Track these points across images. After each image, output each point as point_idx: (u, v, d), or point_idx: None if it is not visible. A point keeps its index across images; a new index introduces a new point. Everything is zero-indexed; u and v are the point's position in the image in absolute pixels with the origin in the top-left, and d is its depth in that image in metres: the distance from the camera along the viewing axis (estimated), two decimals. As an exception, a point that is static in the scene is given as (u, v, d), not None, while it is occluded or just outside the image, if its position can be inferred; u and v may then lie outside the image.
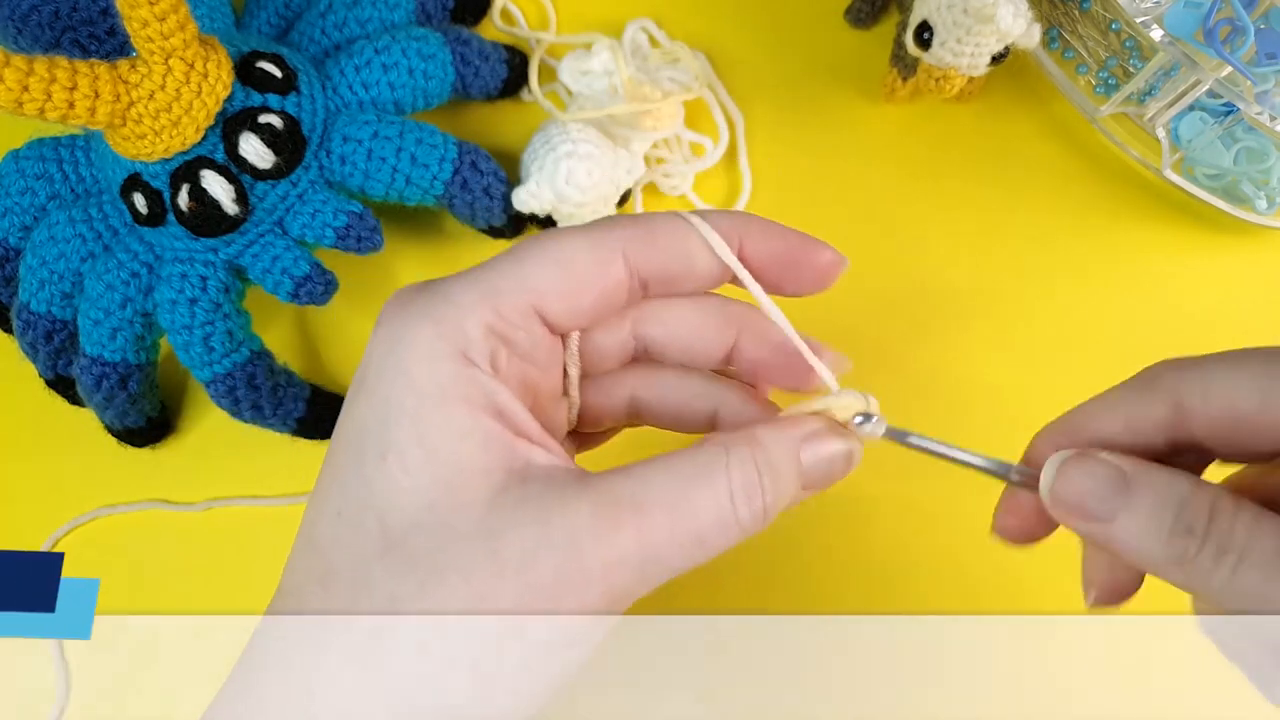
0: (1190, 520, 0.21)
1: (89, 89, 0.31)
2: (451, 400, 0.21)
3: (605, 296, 0.24)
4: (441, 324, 0.22)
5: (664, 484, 0.21)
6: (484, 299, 0.22)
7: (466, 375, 0.21)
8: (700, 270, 0.25)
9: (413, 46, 0.40)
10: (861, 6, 0.46)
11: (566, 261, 0.23)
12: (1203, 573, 0.21)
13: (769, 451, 0.23)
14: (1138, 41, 0.42)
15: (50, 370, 0.40)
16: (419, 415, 0.21)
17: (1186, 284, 0.43)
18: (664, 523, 0.21)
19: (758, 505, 0.22)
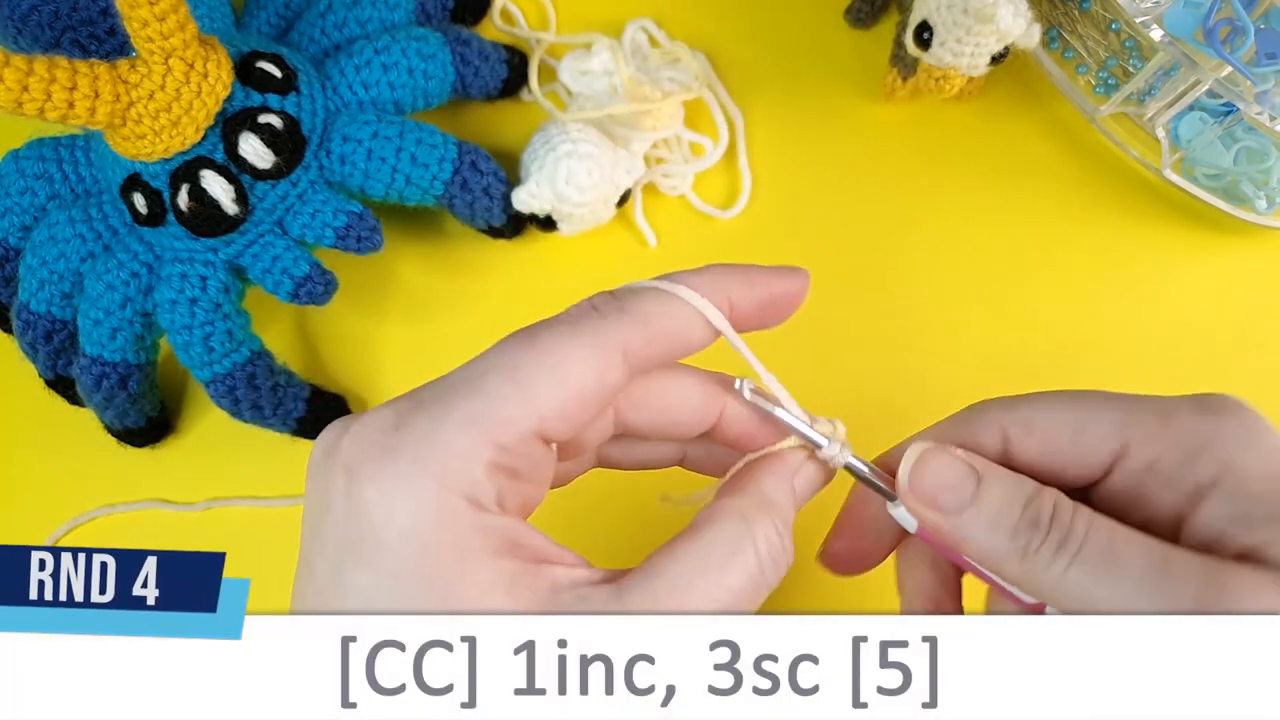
0: (1035, 514, 0.23)
1: (89, 89, 0.31)
2: (468, 554, 0.20)
3: (603, 404, 0.23)
4: (443, 477, 0.20)
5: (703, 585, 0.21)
6: (486, 438, 0.20)
7: (479, 523, 0.20)
8: (695, 347, 0.24)
9: (413, 46, 0.40)
10: (861, 6, 0.46)
11: (568, 379, 0.21)
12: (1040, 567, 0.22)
13: (780, 508, 0.24)
14: (1138, 41, 0.42)
15: (50, 370, 0.40)
16: (437, 579, 0.20)
17: (1186, 284, 0.43)
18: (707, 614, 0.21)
19: (783, 566, 0.23)
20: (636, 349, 0.22)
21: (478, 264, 0.44)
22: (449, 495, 0.20)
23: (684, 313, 0.23)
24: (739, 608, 0.22)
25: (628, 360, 0.22)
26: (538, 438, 0.21)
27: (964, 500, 0.23)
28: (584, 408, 0.22)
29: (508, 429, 0.21)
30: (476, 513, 0.20)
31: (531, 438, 0.21)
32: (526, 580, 0.20)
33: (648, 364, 0.23)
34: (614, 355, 0.22)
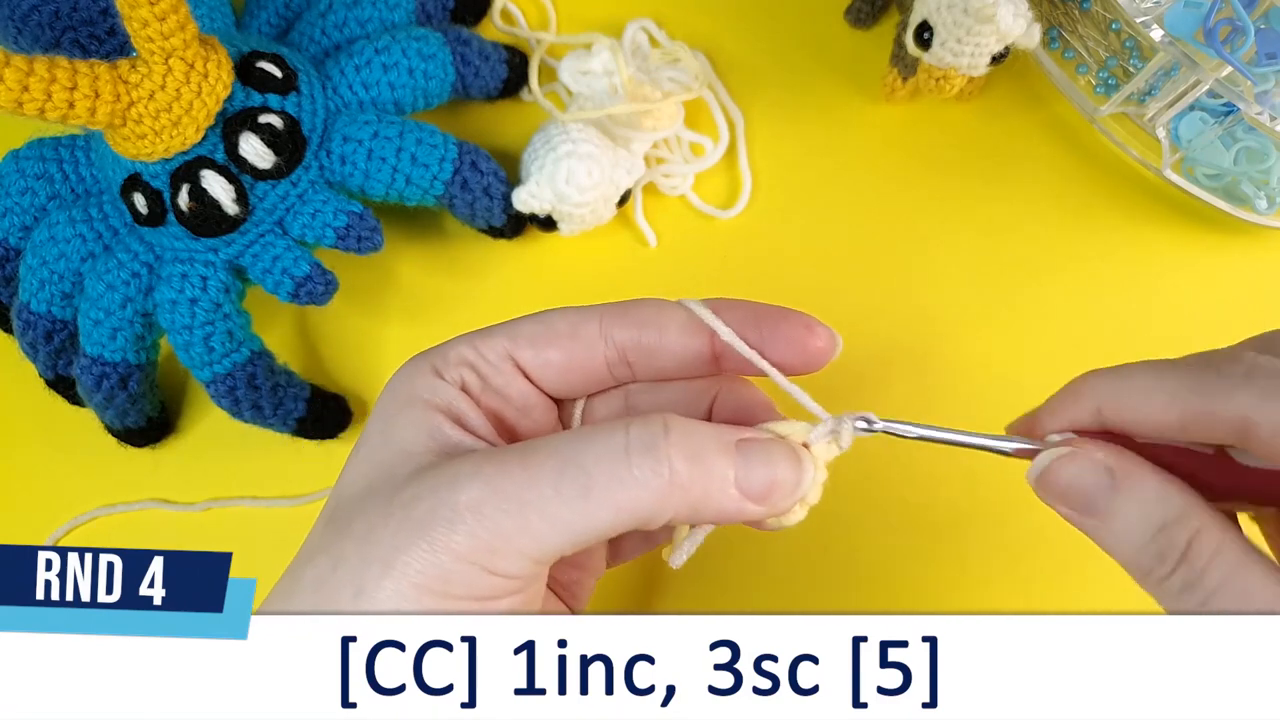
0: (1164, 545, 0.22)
1: (89, 89, 0.31)
2: (413, 400, 0.25)
3: (575, 356, 0.26)
4: (428, 355, 0.26)
5: (561, 436, 0.23)
6: (468, 339, 0.26)
7: (431, 385, 0.25)
8: (672, 341, 0.26)
9: (413, 46, 0.40)
10: (861, 6, 0.46)
11: (547, 320, 0.26)
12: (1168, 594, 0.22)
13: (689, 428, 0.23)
14: (1138, 41, 0.42)
15: (50, 370, 0.40)
16: (388, 415, 0.25)
17: (1186, 284, 0.43)
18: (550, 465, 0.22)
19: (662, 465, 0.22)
20: (612, 319, 0.26)
21: (478, 264, 0.44)
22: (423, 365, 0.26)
23: (667, 309, 0.26)
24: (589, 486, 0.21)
25: (603, 327, 0.26)
26: (507, 353, 0.26)
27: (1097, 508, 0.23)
28: (551, 341, 0.26)
29: (484, 339, 0.26)
30: (432, 378, 0.25)
31: (504, 353, 0.26)
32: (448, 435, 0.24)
33: (625, 339, 0.26)
34: (589, 317, 0.26)
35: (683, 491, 0.22)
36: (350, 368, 0.43)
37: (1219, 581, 0.21)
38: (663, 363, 0.26)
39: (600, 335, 0.26)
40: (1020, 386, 0.41)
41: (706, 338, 0.26)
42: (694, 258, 0.44)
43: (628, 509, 0.22)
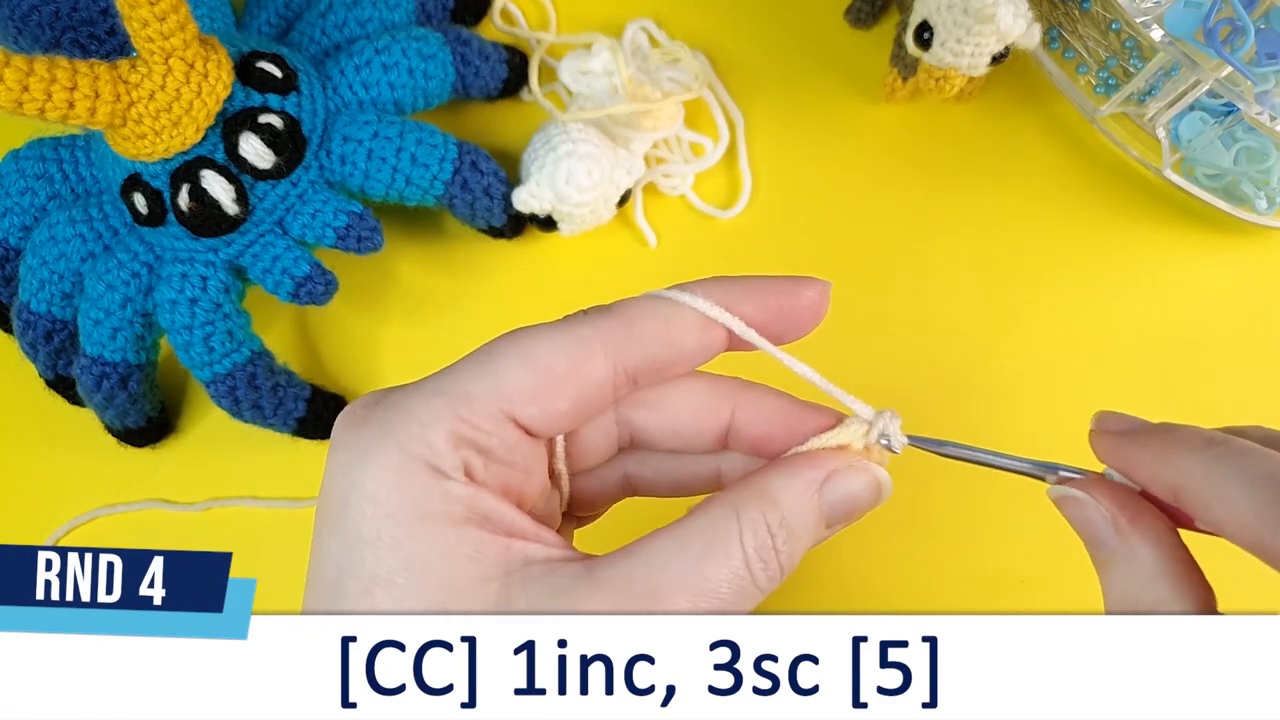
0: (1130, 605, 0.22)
1: (89, 89, 0.31)
2: (431, 518, 0.20)
3: (584, 398, 0.22)
4: (406, 443, 0.20)
5: (678, 567, 0.21)
6: (448, 408, 0.21)
7: (441, 489, 0.20)
8: (690, 351, 0.23)
9: (413, 46, 0.40)
10: (861, 6, 0.46)
11: (537, 361, 0.21)
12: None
13: (783, 507, 0.22)
14: (1138, 41, 0.42)
15: (50, 370, 0.40)
16: (398, 541, 0.20)
17: (1186, 284, 0.43)
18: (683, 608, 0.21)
19: (774, 570, 0.22)
20: (616, 344, 0.22)
21: (478, 264, 0.44)
22: (410, 460, 0.20)
23: (672, 314, 0.23)
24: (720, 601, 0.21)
25: (607, 355, 0.22)
26: (505, 417, 0.21)
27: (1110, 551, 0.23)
28: (557, 395, 0.22)
29: (471, 403, 0.21)
30: (436, 478, 0.20)
31: (499, 417, 0.21)
32: (494, 550, 0.20)
33: (638, 364, 0.23)
34: (590, 347, 0.22)
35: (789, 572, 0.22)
36: (350, 368, 0.43)
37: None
38: (674, 372, 0.24)
39: (606, 364, 0.22)
40: (1019, 385, 0.42)
41: (722, 334, 0.23)
42: (694, 258, 0.44)
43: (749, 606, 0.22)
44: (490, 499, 0.21)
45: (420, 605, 0.20)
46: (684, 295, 0.23)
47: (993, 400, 0.41)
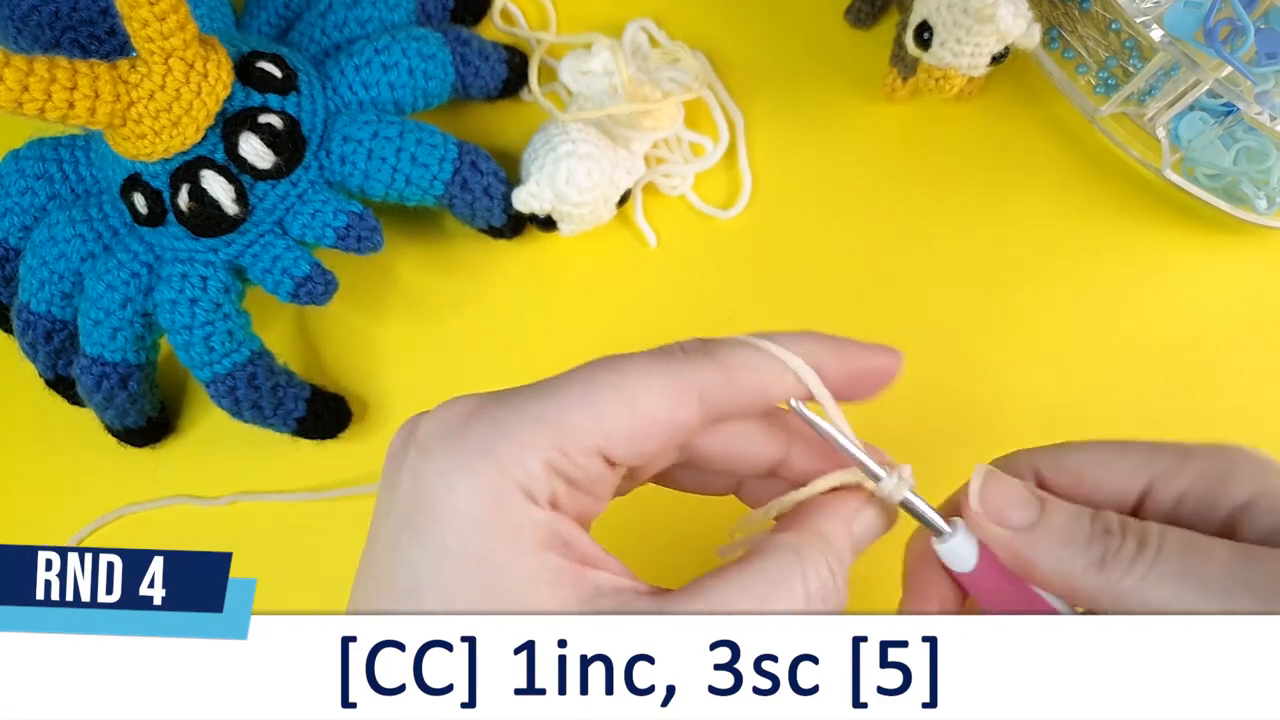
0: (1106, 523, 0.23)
1: (89, 89, 0.31)
2: (517, 541, 0.21)
3: (673, 439, 0.23)
4: (504, 465, 0.21)
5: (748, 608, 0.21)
6: (548, 437, 0.21)
7: (530, 515, 0.21)
8: (774, 402, 0.24)
9: (413, 46, 0.40)
10: (861, 6, 0.46)
11: (639, 406, 0.22)
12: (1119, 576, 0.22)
13: (836, 546, 0.23)
14: (1138, 41, 0.42)
15: (50, 370, 0.40)
16: (483, 561, 0.20)
17: (1186, 284, 0.43)
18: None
19: (834, 605, 0.22)
20: (714, 393, 0.23)
21: (478, 264, 0.44)
22: (506, 482, 0.21)
23: (769, 367, 0.23)
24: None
25: (704, 403, 0.23)
26: (599, 454, 0.22)
27: (1033, 516, 0.23)
28: (651, 438, 0.22)
29: (571, 437, 0.21)
30: (529, 504, 0.21)
31: (594, 453, 0.22)
32: (571, 578, 0.21)
33: (726, 411, 0.23)
34: (689, 395, 0.22)
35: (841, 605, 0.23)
36: (350, 368, 0.43)
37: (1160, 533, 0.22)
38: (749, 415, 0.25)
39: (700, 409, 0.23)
40: (1019, 384, 0.42)
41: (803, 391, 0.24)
42: (694, 258, 0.44)
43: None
44: (571, 526, 0.22)
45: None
46: (783, 353, 0.24)
47: (992, 399, 0.41)
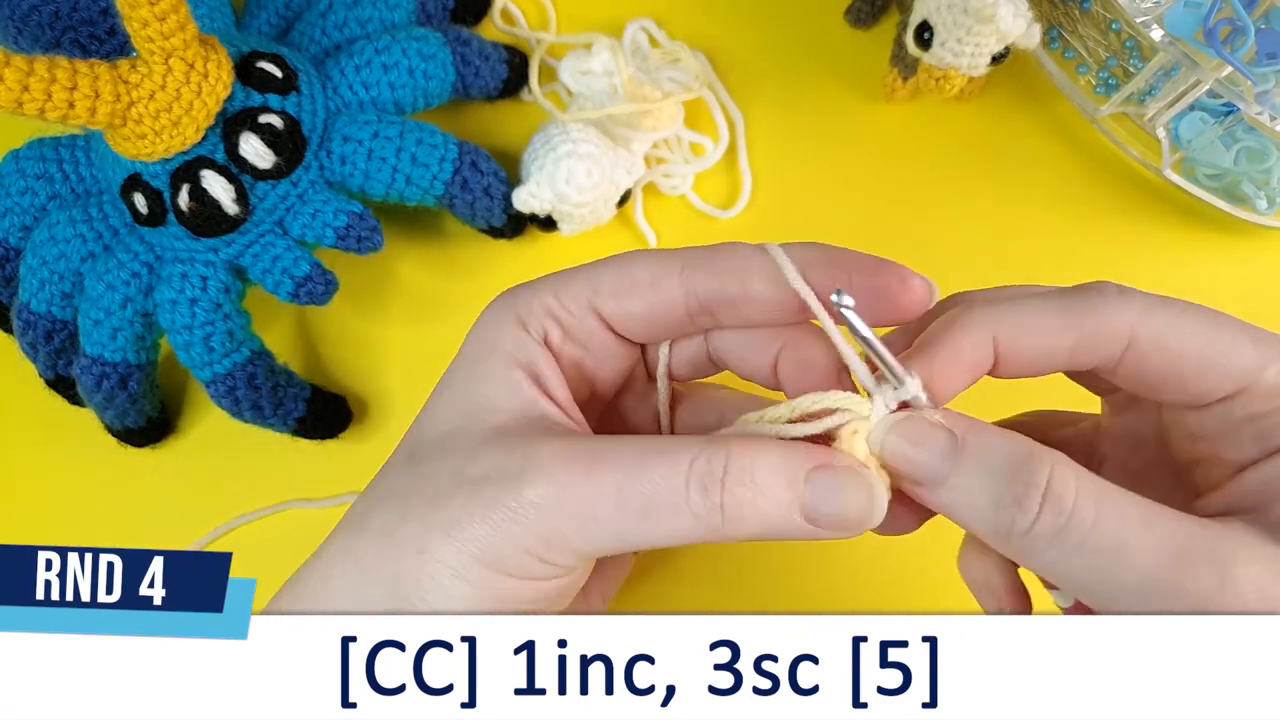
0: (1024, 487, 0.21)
1: (89, 89, 0.31)
2: (498, 352, 0.25)
3: (656, 306, 0.25)
4: (515, 302, 0.26)
5: (628, 449, 0.22)
6: (549, 287, 0.26)
7: (516, 338, 0.25)
8: (756, 293, 0.25)
9: (413, 46, 0.40)
10: (861, 6, 0.46)
11: (627, 269, 0.26)
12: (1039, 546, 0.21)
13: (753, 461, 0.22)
14: (1138, 41, 0.42)
15: (50, 370, 0.40)
16: (471, 362, 0.25)
17: (1186, 284, 0.43)
18: (612, 479, 0.22)
19: (714, 502, 0.21)
20: (695, 269, 0.25)
21: (478, 264, 0.44)
22: (509, 316, 0.26)
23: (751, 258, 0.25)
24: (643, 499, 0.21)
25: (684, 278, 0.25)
26: (589, 305, 0.26)
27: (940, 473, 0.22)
28: (633, 294, 0.25)
29: (566, 289, 0.26)
30: (518, 330, 0.25)
31: (584, 302, 0.26)
32: (524, 396, 0.24)
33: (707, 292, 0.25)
34: (671, 267, 0.25)
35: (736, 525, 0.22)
36: (350, 368, 0.43)
37: (1093, 516, 0.21)
38: (747, 314, 0.25)
39: (681, 285, 0.25)
40: (1019, 385, 0.42)
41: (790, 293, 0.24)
42: (694, 258, 0.44)
43: (680, 534, 0.22)
44: (547, 362, 0.25)
45: (455, 410, 0.25)
46: (771, 246, 0.25)
47: (992, 399, 0.41)
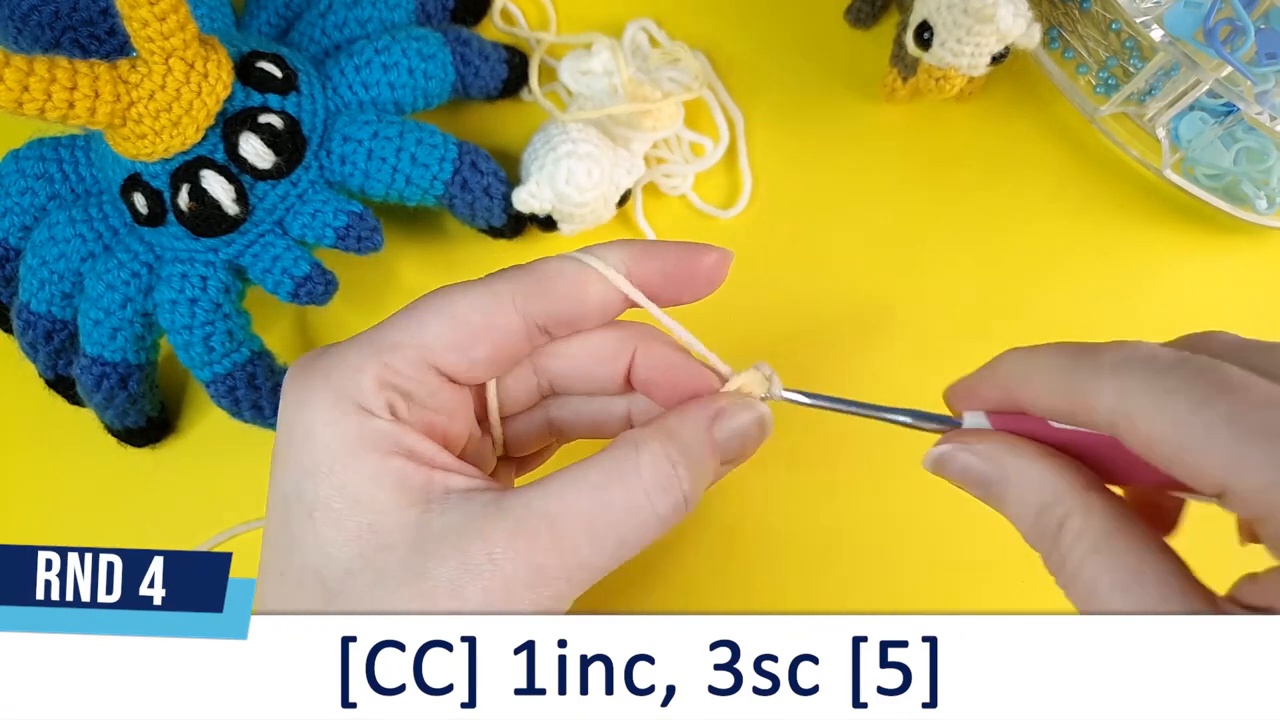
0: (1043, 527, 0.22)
1: (89, 89, 0.31)
2: (361, 450, 0.22)
3: (499, 346, 0.25)
4: (340, 386, 0.23)
5: (578, 495, 0.22)
6: (374, 355, 0.24)
7: (369, 426, 0.23)
8: (594, 305, 0.25)
9: (413, 46, 0.40)
10: (861, 6, 0.46)
11: (455, 315, 0.24)
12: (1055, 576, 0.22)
13: (681, 439, 0.23)
14: (1138, 41, 0.42)
15: (50, 370, 0.40)
16: (333, 470, 0.22)
17: (1186, 284, 0.43)
18: (581, 532, 0.22)
19: (677, 496, 0.23)
20: (529, 300, 0.25)
21: (478, 264, 0.44)
22: (343, 401, 0.23)
23: (580, 272, 0.25)
24: (617, 531, 0.22)
25: (520, 308, 0.24)
26: (427, 364, 0.24)
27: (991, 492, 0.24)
28: (473, 343, 0.24)
29: (396, 351, 0.24)
30: (364, 416, 0.23)
31: (420, 363, 0.24)
32: (417, 480, 0.22)
33: (546, 317, 0.25)
34: (503, 301, 0.24)
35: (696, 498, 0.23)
36: (350, 368, 0.43)
37: (1075, 566, 0.22)
38: (582, 325, 0.26)
39: (517, 314, 0.25)
40: (1020, 386, 0.42)
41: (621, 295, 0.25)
42: (694, 258, 0.44)
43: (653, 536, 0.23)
44: (413, 436, 0.23)
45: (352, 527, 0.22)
46: (590, 258, 0.25)
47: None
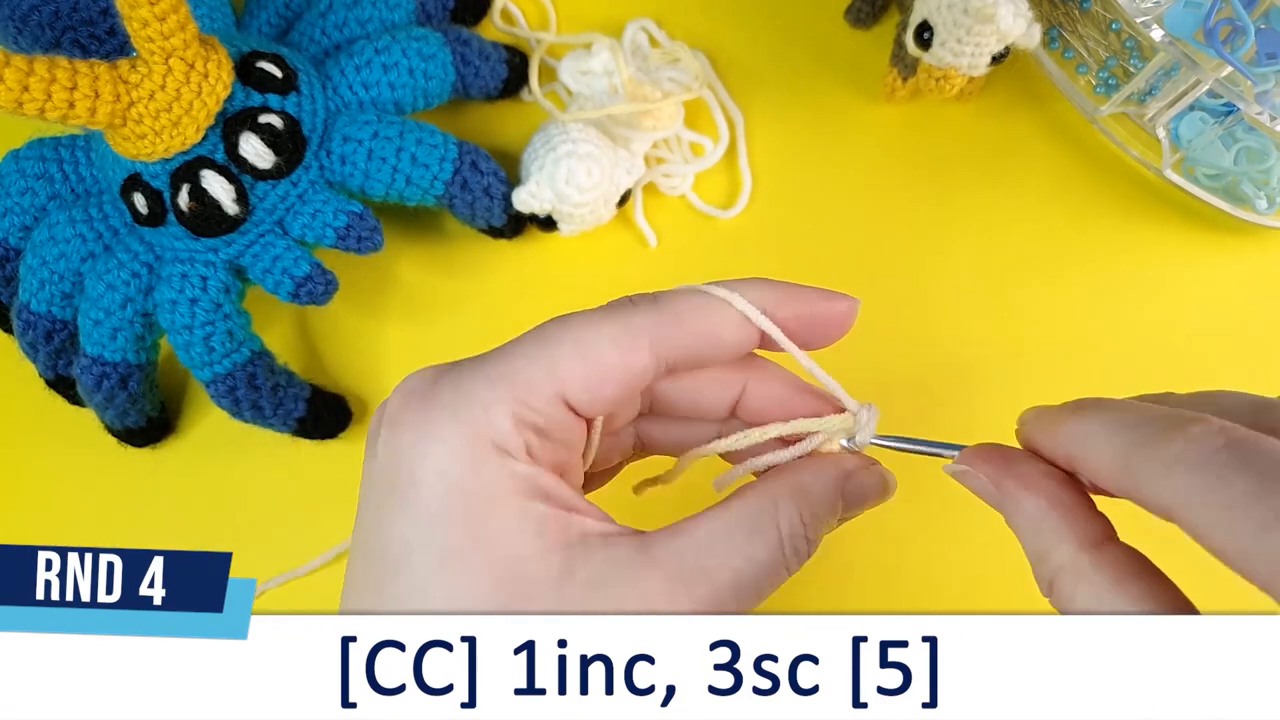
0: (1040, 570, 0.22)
1: (89, 89, 0.31)
2: (500, 496, 0.21)
3: (629, 385, 0.23)
4: (473, 424, 0.22)
5: (728, 550, 0.23)
6: (509, 392, 0.22)
7: (508, 469, 0.22)
8: (729, 348, 0.25)
9: (413, 46, 0.40)
10: (861, 6, 0.46)
11: (589, 351, 0.23)
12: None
13: (813, 498, 0.24)
14: (1138, 41, 0.42)
15: (50, 370, 0.40)
16: (469, 517, 0.21)
17: (1186, 284, 0.43)
18: (730, 583, 0.22)
19: (804, 553, 0.24)
20: (664, 339, 0.23)
21: (478, 264, 0.44)
22: (478, 441, 0.21)
23: (716, 311, 0.24)
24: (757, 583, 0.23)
25: (654, 349, 0.23)
26: (561, 401, 0.23)
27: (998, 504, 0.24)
28: (607, 382, 0.23)
29: (531, 388, 0.22)
30: (504, 458, 0.22)
31: (555, 400, 0.22)
32: (557, 525, 0.22)
33: (679, 357, 0.24)
34: (640, 340, 0.23)
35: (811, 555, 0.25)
36: (350, 368, 0.43)
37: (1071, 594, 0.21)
38: (710, 365, 0.25)
39: (651, 355, 0.23)
40: (1020, 386, 0.42)
41: (756, 333, 0.25)
42: (694, 258, 0.44)
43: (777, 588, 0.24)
44: (549, 477, 0.22)
45: (489, 579, 0.21)
46: (731, 294, 0.24)
47: (993, 399, 0.41)
